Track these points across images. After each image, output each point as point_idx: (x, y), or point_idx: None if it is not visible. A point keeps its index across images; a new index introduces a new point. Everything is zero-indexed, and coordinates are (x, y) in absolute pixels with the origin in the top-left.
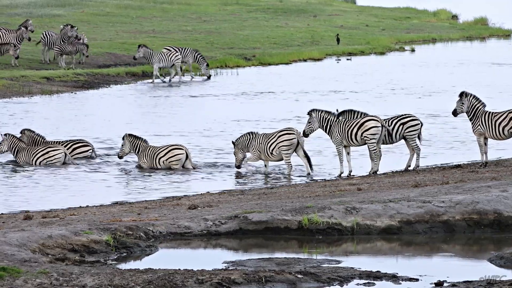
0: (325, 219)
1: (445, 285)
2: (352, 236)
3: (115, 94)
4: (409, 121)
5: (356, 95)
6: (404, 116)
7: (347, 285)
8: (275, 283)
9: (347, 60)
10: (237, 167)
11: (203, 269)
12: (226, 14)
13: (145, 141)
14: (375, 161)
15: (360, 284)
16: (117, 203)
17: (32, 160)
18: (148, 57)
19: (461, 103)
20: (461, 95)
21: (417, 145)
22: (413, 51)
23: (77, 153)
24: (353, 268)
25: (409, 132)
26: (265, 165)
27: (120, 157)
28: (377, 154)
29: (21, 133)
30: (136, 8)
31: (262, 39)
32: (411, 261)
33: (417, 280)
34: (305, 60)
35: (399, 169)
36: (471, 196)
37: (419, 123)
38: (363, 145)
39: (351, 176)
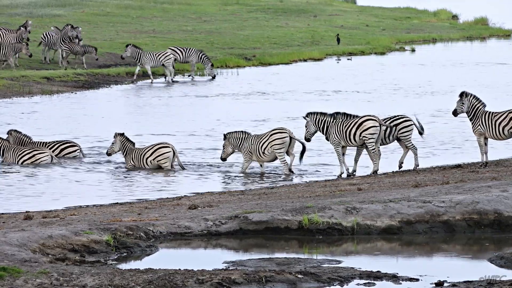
0: (325, 219)
1: (445, 285)
2: (352, 236)
3: (115, 94)
4: (402, 122)
5: (356, 95)
6: (397, 117)
7: (347, 285)
8: (276, 283)
9: (348, 60)
10: (223, 159)
11: (204, 269)
12: (226, 14)
13: (133, 144)
14: (374, 161)
15: (360, 284)
16: (117, 203)
17: (17, 160)
18: (136, 56)
19: (461, 103)
20: (461, 95)
21: (413, 145)
22: (413, 51)
23: (65, 153)
24: (353, 268)
25: (403, 133)
26: (260, 165)
27: (109, 154)
28: (376, 153)
29: (8, 133)
30: (136, 8)
31: (262, 39)
32: (411, 261)
33: (417, 280)
34: (305, 60)
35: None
36: (471, 196)
37: (413, 124)
38: (361, 145)
39: (352, 175)
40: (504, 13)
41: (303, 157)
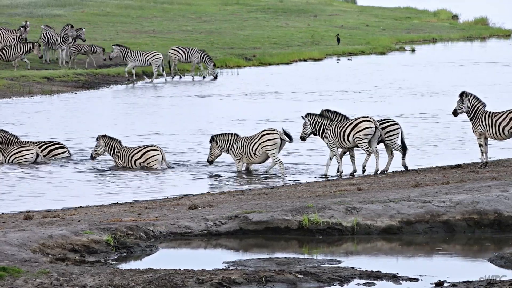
0: (325, 219)
1: (445, 285)
2: (352, 236)
3: (115, 94)
4: (387, 126)
5: (356, 95)
6: (382, 121)
7: (347, 285)
8: (276, 283)
9: (348, 60)
10: (210, 162)
11: (204, 269)
12: (226, 14)
13: (119, 142)
14: (366, 158)
15: (360, 284)
16: (117, 203)
17: (6, 159)
18: (122, 56)
19: (461, 103)
20: (461, 95)
21: (400, 146)
22: (413, 51)
23: (53, 154)
24: (353, 268)
25: (388, 137)
26: (247, 168)
27: (93, 157)
28: (370, 151)
29: None
30: (136, 8)
31: (262, 39)
32: (411, 261)
33: (417, 280)
34: (305, 60)
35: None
36: (471, 196)
37: (399, 127)
38: (355, 146)
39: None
40: (504, 13)
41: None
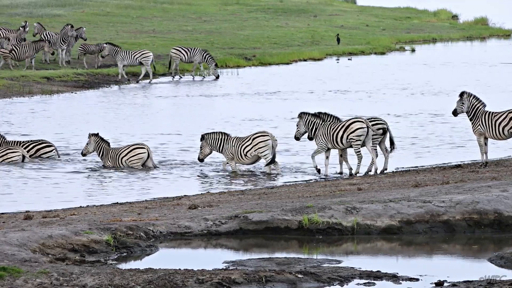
0: (325, 219)
1: (445, 285)
2: (352, 236)
3: (115, 94)
4: (374, 125)
5: (356, 95)
6: (370, 119)
7: (347, 285)
8: (276, 283)
9: (348, 60)
10: (200, 160)
11: (204, 269)
12: (226, 14)
13: (108, 144)
14: (358, 163)
15: (360, 284)
16: (117, 203)
17: None
18: (113, 54)
19: (461, 103)
20: (461, 95)
21: (385, 148)
22: (413, 51)
23: (40, 153)
24: (353, 268)
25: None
26: (231, 166)
27: (83, 154)
28: (361, 156)
29: None
30: (136, 8)
31: (262, 39)
32: (411, 261)
33: (417, 280)
34: (305, 60)
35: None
36: (471, 196)
37: (385, 127)
38: (348, 147)
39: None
40: (504, 13)
41: (270, 164)
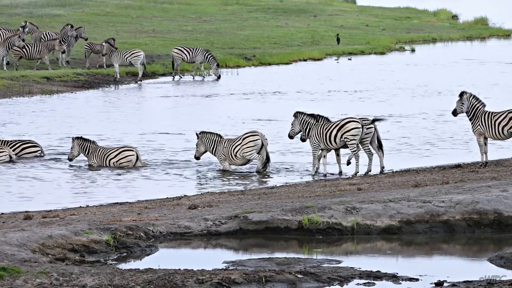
0: (325, 219)
1: (445, 285)
2: (352, 236)
3: (115, 94)
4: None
5: (356, 94)
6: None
7: (347, 285)
8: (275, 283)
9: (348, 60)
10: (196, 158)
11: (203, 269)
12: (226, 14)
13: (94, 143)
14: (356, 162)
15: (360, 284)
16: (117, 203)
17: None
18: (109, 54)
19: (461, 103)
20: (461, 95)
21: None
22: (413, 51)
23: (25, 153)
24: (353, 268)
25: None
26: (224, 166)
27: (70, 159)
28: (358, 155)
29: None
30: (136, 8)
31: (262, 39)
32: (411, 261)
33: (417, 280)
34: (305, 60)
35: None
36: (471, 196)
37: (373, 128)
38: (342, 148)
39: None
40: (504, 13)
41: (266, 167)
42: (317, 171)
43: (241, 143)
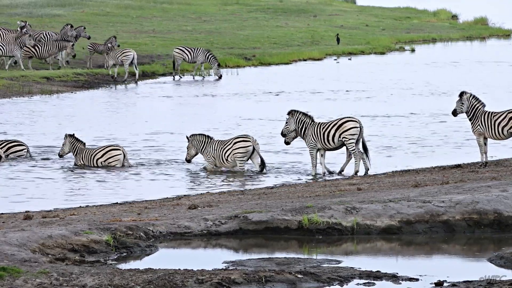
0: (325, 219)
1: (445, 285)
2: (352, 236)
3: (115, 94)
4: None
5: (355, 94)
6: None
7: (347, 285)
8: (275, 283)
9: (348, 60)
10: (187, 161)
11: (203, 269)
12: (226, 14)
13: (83, 143)
14: (356, 162)
15: (360, 284)
16: (117, 203)
17: None
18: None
19: (461, 103)
20: (461, 95)
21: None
22: (413, 51)
23: (11, 152)
24: (353, 268)
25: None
26: (208, 168)
27: (60, 155)
28: (357, 154)
29: None
30: (136, 8)
31: (262, 39)
32: (411, 261)
33: (417, 280)
34: (305, 60)
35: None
36: (471, 196)
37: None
38: (339, 147)
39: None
40: (504, 13)
41: (264, 169)
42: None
43: (232, 147)
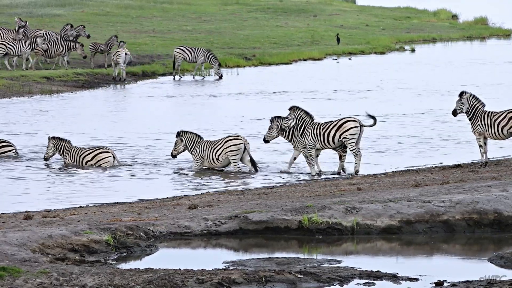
0: (325, 218)
1: (445, 285)
2: (352, 236)
3: (115, 93)
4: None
5: (356, 94)
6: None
7: (347, 285)
8: (275, 283)
9: (349, 59)
10: (173, 156)
11: (203, 269)
12: (226, 14)
13: (69, 142)
14: (356, 161)
15: (360, 284)
16: (117, 203)
17: None
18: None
19: (461, 103)
20: (461, 95)
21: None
22: (413, 51)
23: None
24: (353, 268)
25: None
26: (195, 167)
27: (45, 159)
28: (358, 154)
29: None
30: (136, 7)
31: (262, 39)
32: (411, 261)
33: (417, 280)
34: (305, 60)
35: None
36: (471, 196)
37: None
38: (338, 147)
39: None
40: (504, 13)
41: (256, 168)
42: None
43: (223, 146)
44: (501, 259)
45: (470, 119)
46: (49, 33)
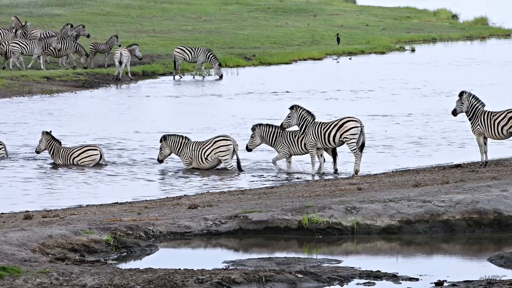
0: (325, 218)
1: (445, 285)
2: (352, 235)
3: (115, 93)
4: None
5: (355, 94)
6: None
7: (347, 284)
8: (275, 282)
9: (349, 59)
10: (159, 161)
11: (203, 269)
12: (226, 13)
13: (59, 142)
14: (356, 161)
15: (360, 283)
16: (117, 203)
17: None
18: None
19: (461, 102)
20: (461, 94)
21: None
22: (413, 50)
23: None
24: (353, 267)
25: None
26: (185, 166)
27: (37, 152)
28: (358, 154)
29: None
30: (136, 7)
31: (262, 39)
32: (411, 260)
33: (417, 279)
34: (305, 59)
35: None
36: (471, 195)
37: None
38: (338, 146)
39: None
40: (504, 13)
41: (241, 168)
42: (319, 172)
43: (212, 147)
44: (501, 259)
45: (470, 119)
46: (48, 33)
